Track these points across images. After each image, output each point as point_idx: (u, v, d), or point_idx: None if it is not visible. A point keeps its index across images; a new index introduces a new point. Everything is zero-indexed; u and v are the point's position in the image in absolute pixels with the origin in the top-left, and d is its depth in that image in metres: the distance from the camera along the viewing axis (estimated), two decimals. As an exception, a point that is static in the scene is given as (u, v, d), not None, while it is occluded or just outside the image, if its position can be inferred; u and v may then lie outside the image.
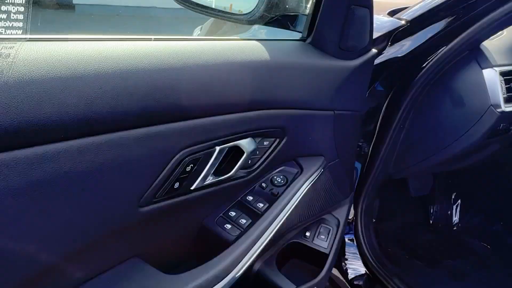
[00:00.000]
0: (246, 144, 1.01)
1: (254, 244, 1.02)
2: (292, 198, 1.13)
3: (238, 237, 1.02)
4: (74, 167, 0.69)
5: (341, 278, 1.69)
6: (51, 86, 0.64)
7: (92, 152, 0.71)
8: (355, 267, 1.69)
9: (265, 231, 1.05)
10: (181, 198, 0.94)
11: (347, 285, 1.63)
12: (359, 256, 1.70)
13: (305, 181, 1.18)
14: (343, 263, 1.67)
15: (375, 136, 1.65)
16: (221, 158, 0.97)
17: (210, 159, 0.94)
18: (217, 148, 0.94)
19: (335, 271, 1.68)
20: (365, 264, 1.67)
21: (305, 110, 1.14)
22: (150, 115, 0.78)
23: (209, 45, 0.91)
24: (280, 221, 1.10)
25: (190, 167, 0.90)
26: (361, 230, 1.71)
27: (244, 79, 0.94)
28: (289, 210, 1.12)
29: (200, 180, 0.95)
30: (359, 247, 1.69)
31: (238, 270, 0.99)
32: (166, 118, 0.81)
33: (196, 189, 0.96)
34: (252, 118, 1.00)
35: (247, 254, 1.01)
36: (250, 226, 1.06)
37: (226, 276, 0.95)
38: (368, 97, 1.49)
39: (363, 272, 1.68)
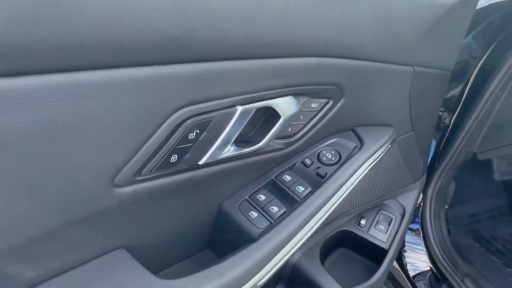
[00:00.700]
0: (285, 104, 0.68)
1: (287, 243, 0.71)
2: (345, 182, 0.79)
3: (266, 231, 0.71)
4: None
5: (399, 269, 1.35)
6: None
7: (24, 103, 0.42)
8: (417, 261, 1.34)
9: (304, 225, 0.73)
10: (184, 176, 0.63)
11: (407, 282, 1.28)
12: (423, 249, 1.34)
13: (366, 160, 0.83)
14: (402, 256, 1.32)
15: (460, 104, 1.25)
16: (246, 122, 0.65)
17: (228, 123, 0.62)
18: (239, 108, 0.62)
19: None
20: (431, 260, 1.31)
21: (373, 63, 0.78)
22: (124, 50, 0.47)
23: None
24: (325, 213, 0.77)
25: (194, 133, 0.58)
26: (429, 218, 1.35)
27: (287, 7, 0.59)
28: (339, 198, 0.79)
29: (213, 152, 0.63)
30: (425, 238, 1.33)
31: (261, 277, 0.68)
32: (151, 57, 0.50)
33: (206, 165, 0.65)
34: (295, 67, 0.66)
35: (275, 257, 0.70)
36: (283, 217, 0.74)
37: (243, 285, 0.65)
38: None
39: (427, 269, 1.32)
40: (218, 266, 0.65)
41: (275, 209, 0.76)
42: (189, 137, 0.58)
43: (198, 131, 0.59)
